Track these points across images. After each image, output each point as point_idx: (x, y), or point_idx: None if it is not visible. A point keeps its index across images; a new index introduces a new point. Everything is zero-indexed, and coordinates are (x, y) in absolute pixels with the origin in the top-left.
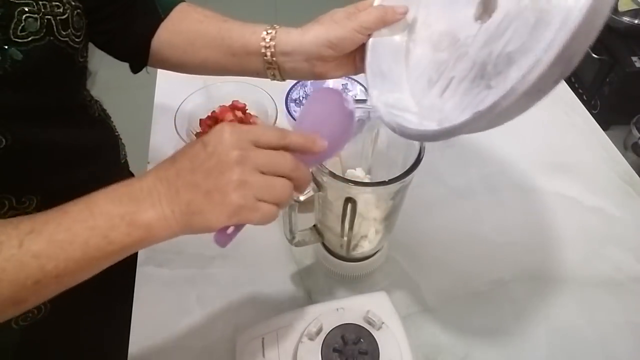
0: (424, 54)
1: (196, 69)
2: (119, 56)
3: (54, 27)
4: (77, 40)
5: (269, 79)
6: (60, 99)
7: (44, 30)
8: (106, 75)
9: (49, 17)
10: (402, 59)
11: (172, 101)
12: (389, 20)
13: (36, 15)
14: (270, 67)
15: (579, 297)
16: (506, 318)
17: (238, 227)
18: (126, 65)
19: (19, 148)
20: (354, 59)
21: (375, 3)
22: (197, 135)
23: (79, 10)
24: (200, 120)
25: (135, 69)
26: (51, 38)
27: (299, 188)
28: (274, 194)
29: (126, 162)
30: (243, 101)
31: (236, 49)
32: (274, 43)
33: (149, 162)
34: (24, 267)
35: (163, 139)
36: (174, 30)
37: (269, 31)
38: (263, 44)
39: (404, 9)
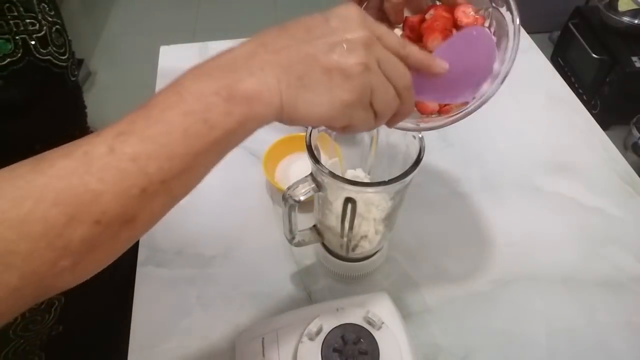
0: None
1: None
2: None
3: (31, 47)
4: (61, 57)
5: None
6: (60, 129)
7: (20, 50)
8: (106, 75)
9: (24, 36)
10: None
11: None
12: None
13: (8, 36)
14: None
15: (579, 297)
16: (506, 318)
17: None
18: (126, 65)
19: None
20: None
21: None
22: None
23: (57, 27)
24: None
25: None
26: (30, 58)
27: (398, 115)
28: (385, 97)
29: None
30: None
31: None
32: None
33: None
34: (123, 174)
35: None
36: None
37: None
38: None
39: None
